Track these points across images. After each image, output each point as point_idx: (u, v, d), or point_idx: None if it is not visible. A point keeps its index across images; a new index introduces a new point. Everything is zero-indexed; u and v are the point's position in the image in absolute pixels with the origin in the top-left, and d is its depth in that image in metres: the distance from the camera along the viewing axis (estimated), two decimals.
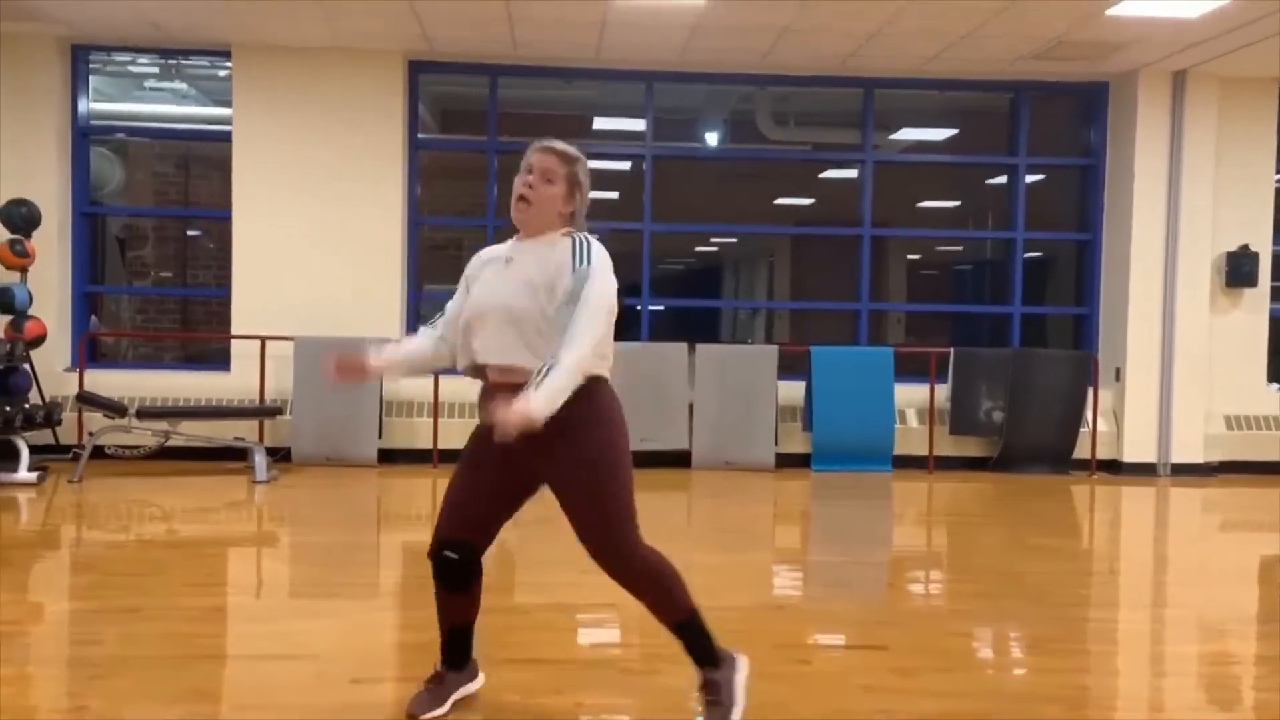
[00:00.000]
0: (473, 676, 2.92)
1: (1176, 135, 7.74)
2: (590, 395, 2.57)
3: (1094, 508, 6.88)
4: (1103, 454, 7.83)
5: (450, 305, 2.83)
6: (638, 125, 8.09)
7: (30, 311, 7.05)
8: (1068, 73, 7.86)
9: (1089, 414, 7.79)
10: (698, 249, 14.88)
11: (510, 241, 2.76)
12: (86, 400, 6.84)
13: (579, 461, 2.60)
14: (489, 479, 2.70)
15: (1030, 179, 8.29)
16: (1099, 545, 5.94)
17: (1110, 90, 8.07)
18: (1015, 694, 3.20)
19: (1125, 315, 7.83)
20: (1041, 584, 4.55)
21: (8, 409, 6.38)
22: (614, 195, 11.11)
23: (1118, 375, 7.91)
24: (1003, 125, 8.55)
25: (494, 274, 2.70)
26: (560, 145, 2.69)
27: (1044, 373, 7.76)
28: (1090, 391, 7.78)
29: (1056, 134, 8.67)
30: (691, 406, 7.50)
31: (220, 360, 7.74)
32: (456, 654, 2.85)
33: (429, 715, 2.76)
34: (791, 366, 7.82)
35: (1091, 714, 3.11)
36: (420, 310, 7.89)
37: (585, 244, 2.61)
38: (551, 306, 2.54)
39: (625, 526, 2.63)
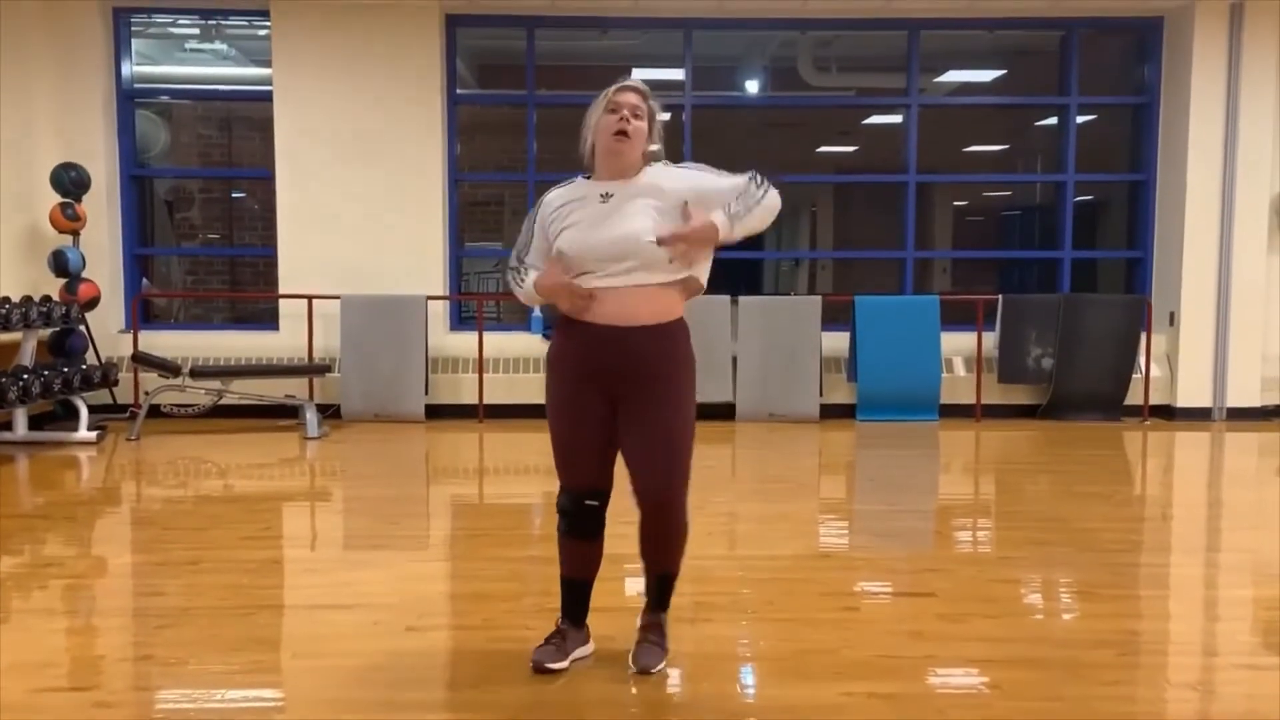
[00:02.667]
0: (587, 639, 2.97)
1: (1234, 71, 7.48)
2: None
3: (1146, 454, 6.78)
4: (1156, 399, 7.70)
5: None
6: (676, 75, 7.99)
7: (83, 274, 7.19)
8: (1120, 8, 7.62)
9: (1142, 359, 7.66)
10: None
11: (582, 181, 2.80)
12: (141, 360, 6.99)
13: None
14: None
15: (1081, 120, 8.08)
16: (1151, 491, 5.86)
17: (1165, 25, 7.81)
18: (1064, 639, 3.19)
19: (1180, 258, 7.65)
20: (1091, 530, 4.51)
21: (66, 370, 6.54)
22: (654, 147, 11.01)
23: (1172, 319, 7.75)
24: (1053, 64, 8.31)
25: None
26: (639, 83, 2.77)
27: (1095, 318, 7.62)
28: (1143, 336, 7.64)
29: (1109, 72, 8.42)
30: (735, 359, 7.49)
31: (269, 320, 7.86)
32: (578, 609, 2.92)
33: (556, 666, 2.82)
34: (835, 317, 7.76)
35: (1143, 659, 3.09)
36: (462, 267, 7.93)
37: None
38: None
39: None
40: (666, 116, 2.86)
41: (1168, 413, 7.72)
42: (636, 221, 2.67)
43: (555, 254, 2.74)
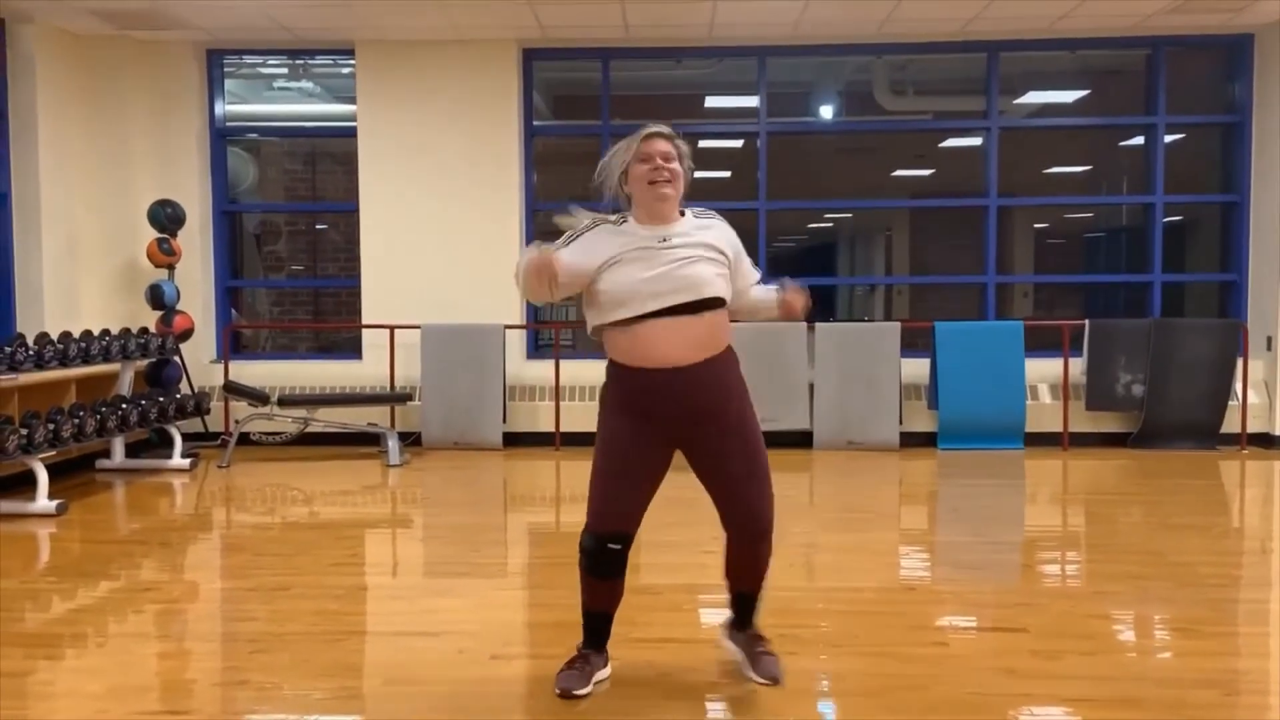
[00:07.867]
0: (606, 662, 3.01)
1: None
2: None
3: (1244, 484, 6.52)
4: (1253, 428, 7.40)
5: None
6: (750, 102, 8.01)
7: (178, 307, 7.45)
8: (1208, 25, 7.42)
9: (1238, 386, 7.38)
10: (811, 225, 14.65)
11: (631, 223, 2.88)
12: (232, 389, 7.21)
13: None
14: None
15: (1168, 139, 7.87)
16: (1250, 523, 5.63)
17: (1255, 42, 7.58)
18: (1164, 678, 3.07)
19: (1277, 280, 7.37)
20: (1188, 564, 4.34)
21: (161, 399, 6.77)
22: (726, 174, 11.05)
23: (1269, 344, 7.46)
24: (1138, 84, 8.12)
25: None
26: (662, 126, 2.89)
27: (1188, 343, 7.38)
28: (1239, 362, 7.37)
29: (1197, 91, 8.19)
30: (812, 386, 7.42)
31: (352, 349, 8.04)
32: (598, 638, 2.97)
33: (581, 691, 2.86)
34: (913, 343, 7.64)
35: (1246, 699, 2.96)
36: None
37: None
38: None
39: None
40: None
41: (1266, 441, 7.42)
42: (704, 268, 2.77)
43: (597, 291, 2.80)
